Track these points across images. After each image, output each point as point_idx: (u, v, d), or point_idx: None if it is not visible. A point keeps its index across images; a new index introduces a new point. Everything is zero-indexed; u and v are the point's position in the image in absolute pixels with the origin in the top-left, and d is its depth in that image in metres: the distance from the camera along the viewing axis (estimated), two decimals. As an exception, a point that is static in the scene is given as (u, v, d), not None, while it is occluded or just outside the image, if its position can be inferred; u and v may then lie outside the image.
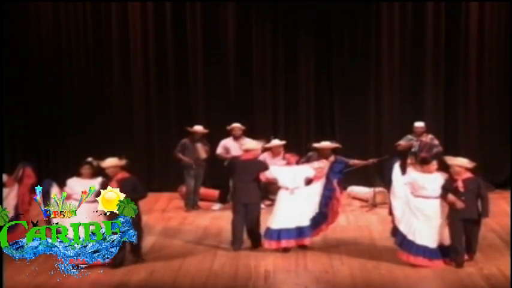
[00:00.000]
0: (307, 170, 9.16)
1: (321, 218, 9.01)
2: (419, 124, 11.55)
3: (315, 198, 8.99)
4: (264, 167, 9.32)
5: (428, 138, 11.40)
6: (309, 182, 9.06)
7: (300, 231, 8.91)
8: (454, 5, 12.77)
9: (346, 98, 13.02)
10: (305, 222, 8.92)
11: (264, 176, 9.26)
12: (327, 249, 9.02)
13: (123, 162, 8.45)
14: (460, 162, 8.13)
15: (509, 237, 9.16)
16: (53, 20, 13.01)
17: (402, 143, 11.55)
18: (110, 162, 8.43)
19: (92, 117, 13.08)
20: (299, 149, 11.14)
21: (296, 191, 8.95)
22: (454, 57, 12.86)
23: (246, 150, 9.55)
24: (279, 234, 8.89)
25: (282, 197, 9.02)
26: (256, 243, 9.16)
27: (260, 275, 8.07)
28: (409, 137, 11.56)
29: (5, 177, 9.51)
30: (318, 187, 9.01)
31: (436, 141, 11.41)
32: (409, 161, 10.60)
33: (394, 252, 8.39)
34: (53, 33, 13.04)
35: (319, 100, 13.15)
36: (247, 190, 9.12)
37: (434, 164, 8.25)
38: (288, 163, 9.59)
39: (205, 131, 11.54)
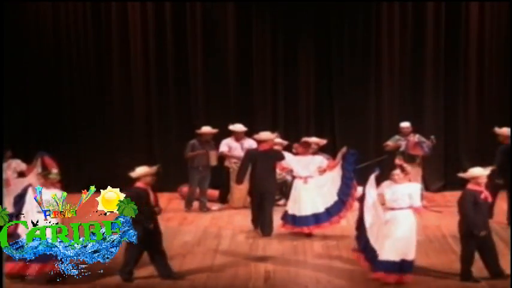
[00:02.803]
0: (320, 160, 9.72)
1: (341, 206, 9.38)
2: (405, 124, 11.54)
3: (329, 187, 9.44)
4: (281, 156, 9.77)
5: (415, 137, 11.38)
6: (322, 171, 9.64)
7: (316, 218, 9.38)
8: (454, 5, 12.76)
9: (346, 97, 13.00)
10: (320, 209, 9.38)
11: (280, 165, 9.81)
12: (327, 249, 9.04)
13: (154, 169, 7.84)
14: (483, 172, 7.69)
15: (509, 237, 9.17)
16: (53, 20, 12.98)
17: (390, 143, 11.58)
18: (142, 171, 7.76)
19: (92, 117, 13.06)
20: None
21: (310, 179, 9.50)
22: (454, 57, 12.85)
23: (262, 141, 9.84)
24: (294, 219, 9.43)
25: (297, 185, 9.59)
26: (268, 231, 9.54)
27: (260, 275, 8.08)
28: (397, 137, 11.56)
29: (23, 165, 9.66)
30: (331, 177, 9.47)
31: (423, 139, 11.36)
32: (397, 161, 10.59)
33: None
34: (53, 33, 13.01)
35: (319, 100, 13.14)
36: (266, 179, 9.58)
37: (398, 173, 7.78)
38: (297, 153, 9.84)
39: (214, 130, 11.42)
